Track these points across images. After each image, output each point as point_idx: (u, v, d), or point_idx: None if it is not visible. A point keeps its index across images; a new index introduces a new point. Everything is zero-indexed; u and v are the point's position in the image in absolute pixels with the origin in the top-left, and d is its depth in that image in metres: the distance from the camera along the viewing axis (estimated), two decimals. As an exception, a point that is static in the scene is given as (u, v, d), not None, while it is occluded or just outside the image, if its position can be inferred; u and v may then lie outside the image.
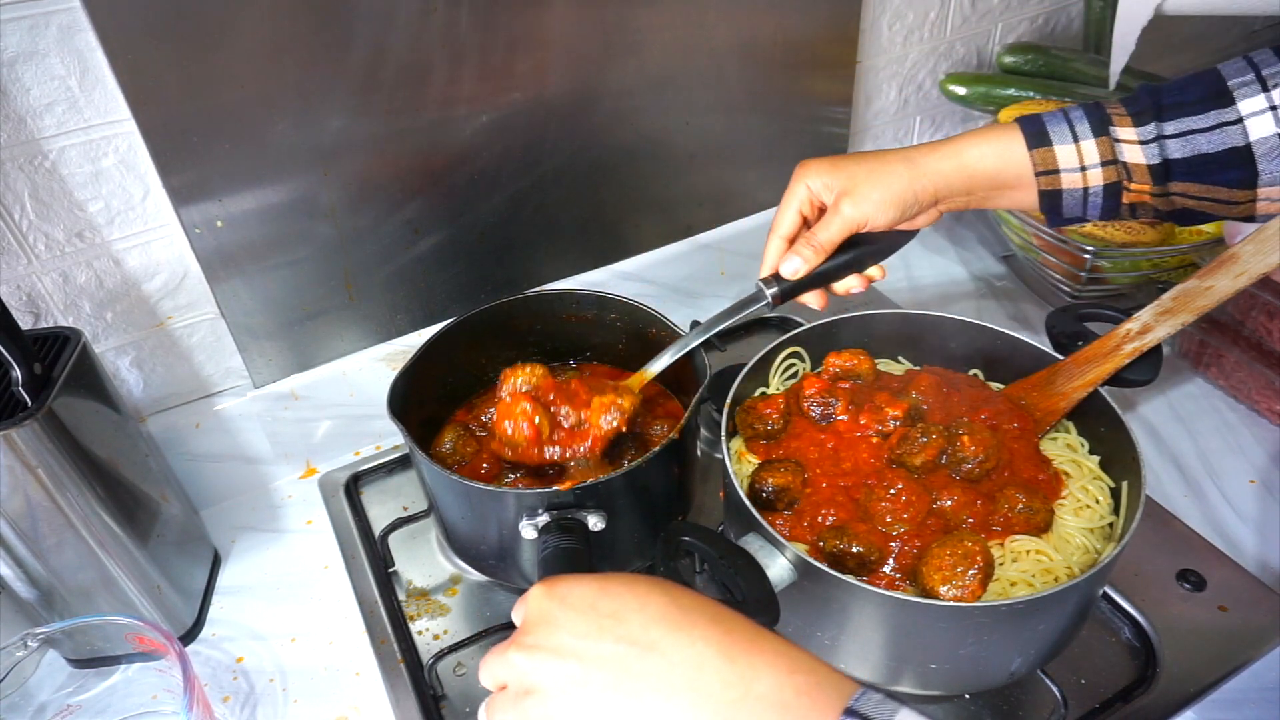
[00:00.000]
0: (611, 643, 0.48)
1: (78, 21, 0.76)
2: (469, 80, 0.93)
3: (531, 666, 0.49)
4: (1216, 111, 0.68)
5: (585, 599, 0.51)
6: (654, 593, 0.50)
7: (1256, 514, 0.93)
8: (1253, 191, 0.69)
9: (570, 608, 0.50)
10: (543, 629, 0.50)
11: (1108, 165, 0.72)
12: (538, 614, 0.51)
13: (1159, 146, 0.70)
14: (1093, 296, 1.18)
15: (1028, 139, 0.74)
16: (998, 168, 0.75)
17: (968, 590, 0.67)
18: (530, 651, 0.50)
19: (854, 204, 0.75)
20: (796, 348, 0.90)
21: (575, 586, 0.52)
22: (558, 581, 0.52)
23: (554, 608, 0.51)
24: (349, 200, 0.94)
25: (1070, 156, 0.73)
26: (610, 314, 0.98)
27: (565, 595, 0.51)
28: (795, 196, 0.79)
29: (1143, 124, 0.71)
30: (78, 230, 0.85)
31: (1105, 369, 0.79)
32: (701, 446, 1.02)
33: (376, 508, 1.03)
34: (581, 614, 0.50)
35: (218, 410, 0.99)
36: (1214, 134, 0.68)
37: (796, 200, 0.78)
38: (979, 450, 0.75)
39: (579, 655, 0.48)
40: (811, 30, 1.11)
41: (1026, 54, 1.27)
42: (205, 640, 0.90)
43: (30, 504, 0.75)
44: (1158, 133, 0.70)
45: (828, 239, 0.77)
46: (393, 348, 1.05)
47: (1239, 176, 0.69)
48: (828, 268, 0.78)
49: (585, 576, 0.53)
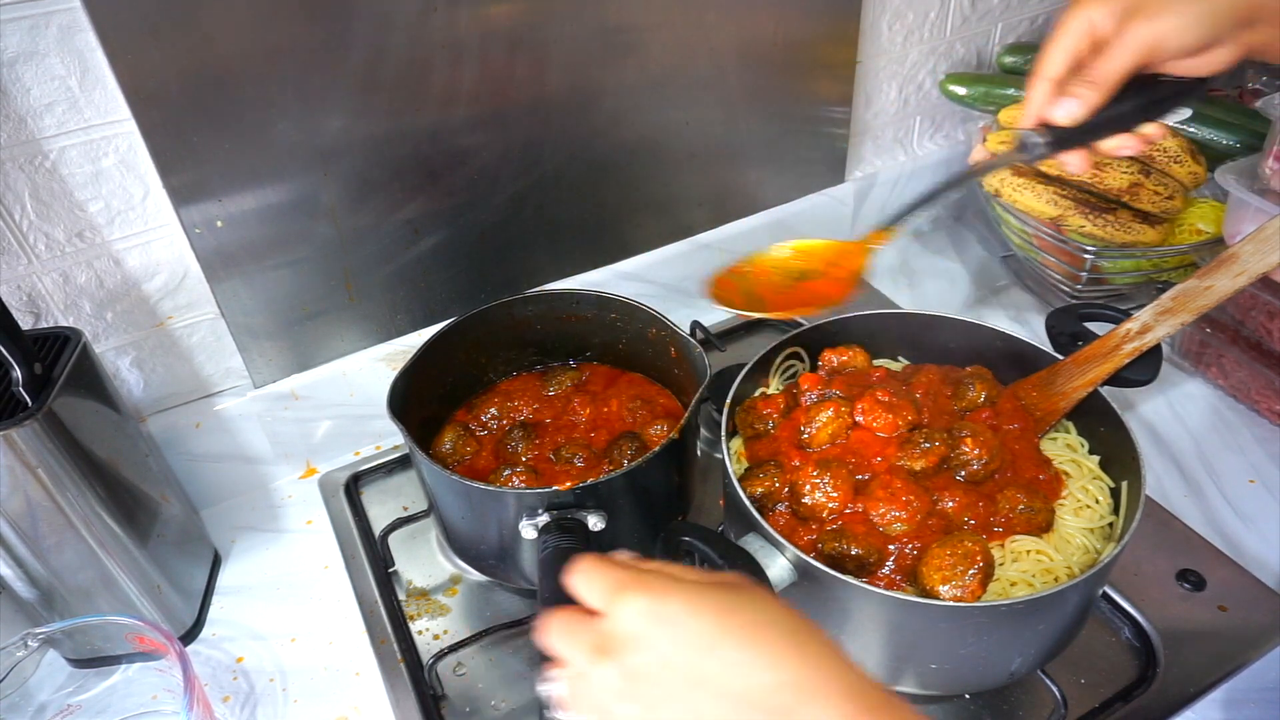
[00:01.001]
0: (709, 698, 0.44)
1: (78, 21, 0.76)
2: (469, 80, 0.93)
3: (624, 685, 0.45)
4: None
5: (690, 634, 0.44)
6: (787, 647, 0.44)
7: (1256, 514, 0.93)
8: None
9: (671, 635, 0.45)
10: (637, 656, 0.45)
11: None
12: (635, 632, 0.45)
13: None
14: (1093, 296, 1.18)
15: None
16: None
17: (968, 590, 0.67)
18: (625, 676, 0.45)
19: (1148, 22, 0.61)
20: (796, 348, 0.90)
21: (680, 613, 0.45)
22: (665, 599, 0.46)
23: (655, 634, 0.45)
24: (349, 200, 0.94)
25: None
26: (610, 314, 0.98)
27: (672, 620, 0.45)
28: (1071, 31, 0.64)
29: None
30: (78, 230, 0.85)
31: (1105, 369, 0.79)
32: (701, 446, 1.02)
33: (376, 508, 1.03)
34: (683, 650, 0.44)
35: (218, 410, 0.99)
36: None
37: (1073, 35, 0.64)
38: (983, 452, 0.75)
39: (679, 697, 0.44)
40: (811, 30, 1.11)
41: (1026, 54, 1.27)
42: (205, 640, 0.90)
43: (30, 504, 0.75)
44: None
45: (1114, 70, 0.63)
46: (393, 348, 1.05)
47: None
48: (1103, 117, 0.65)
49: (684, 595, 0.46)
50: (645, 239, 1.16)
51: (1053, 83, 0.66)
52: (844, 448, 0.79)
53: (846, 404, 0.80)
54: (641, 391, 0.98)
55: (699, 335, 1.14)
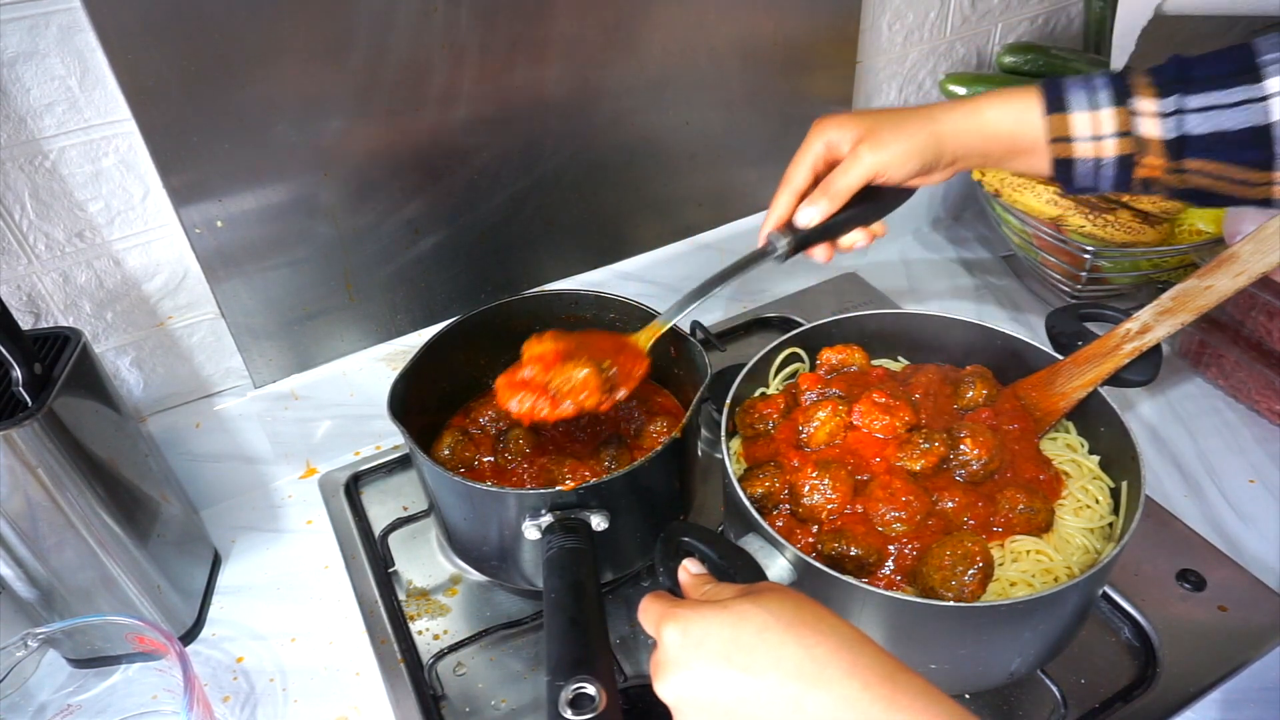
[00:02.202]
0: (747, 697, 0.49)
1: (78, 21, 0.76)
2: (469, 80, 0.93)
3: (673, 696, 0.51)
4: (1243, 88, 0.66)
5: (718, 649, 0.50)
6: (787, 644, 0.49)
7: (1256, 514, 0.93)
8: (1270, 174, 0.67)
9: (704, 657, 0.50)
10: (679, 674, 0.51)
11: (1122, 137, 0.70)
12: (673, 657, 0.52)
13: (1177, 121, 0.67)
14: (1093, 296, 1.18)
15: (1045, 104, 0.72)
16: (1014, 131, 0.73)
17: (968, 590, 0.67)
18: (671, 690, 0.51)
19: (874, 151, 0.73)
20: (796, 348, 0.90)
21: (709, 632, 0.51)
22: (690, 622, 0.52)
23: (689, 655, 0.51)
24: (349, 200, 0.94)
25: (1085, 125, 0.70)
26: (610, 314, 0.98)
27: (700, 640, 0.51)
28: (811, 151, 0.76)
29: (1165, 95, 0.68)
30: (78, 230, 0.85)
31: (1105, 369, 0.79)
32: (701, 446, 1.02)
33: (376, 508, 1.03)
34: (714, 665, 0.50)
35: (218, 410, 0.99)
36: (1237, 110, 0.66)
37: (812, 155, 0.76)
38: (983, 453, 0.75)
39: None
40: (811, 30, 1.11)
41: (1026, 54, 1.27)
42: (205, 640, 0.90)
43: (30, 504, 0.75)
44: (1178, 106, 0.67)
45: (846, 185, 0.74)
46: (393, 348, 1.05)
47: (1257, 157, 0.67)
48: (836, 220, 0.77)
49: (704, 616, 0.52)
50: (645, 239, 1.16)
51: (795, 194, 0.78)
52: (843, 448, 0.79)
53: (844, 403, 0.80)
54: (640, 391, 0.97)
55: (699, 335, 1.14)
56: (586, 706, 0.58)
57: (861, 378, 0.86)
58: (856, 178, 0.74)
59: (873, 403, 0.79)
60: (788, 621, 0.50)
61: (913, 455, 0.76)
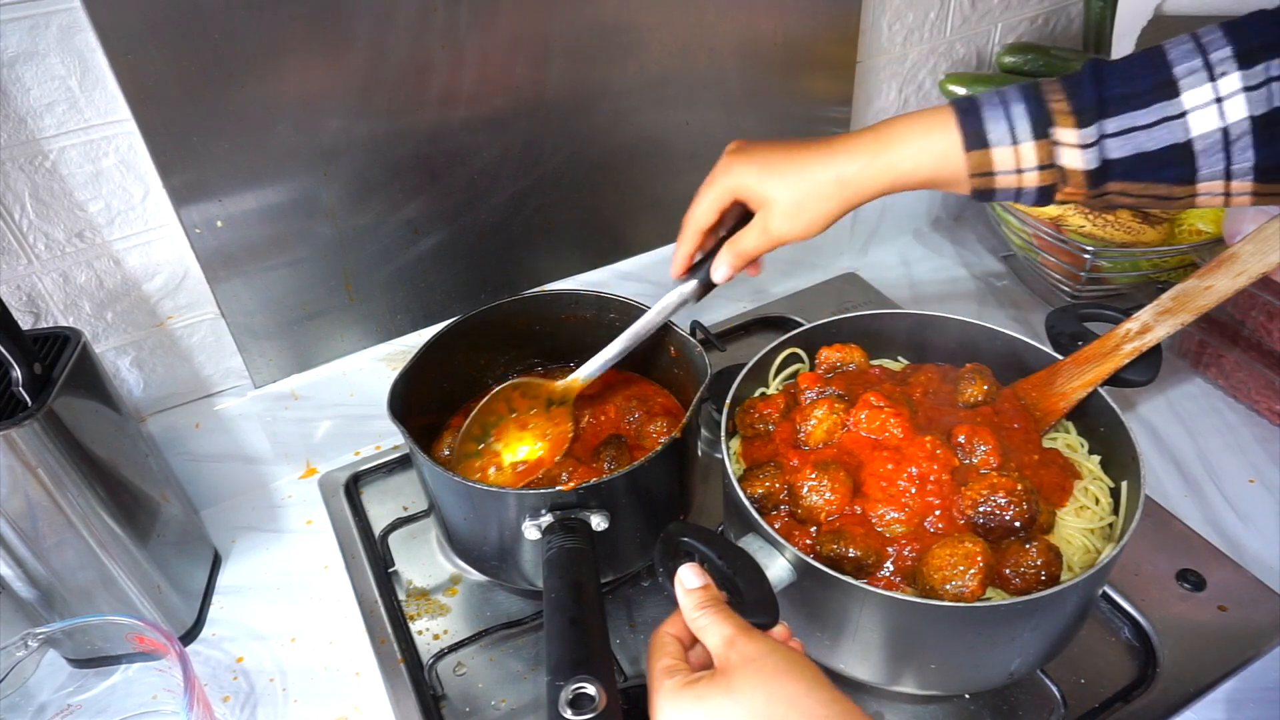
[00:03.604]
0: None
1: (78, 21, 0.76)
2: (469, 80, 0.93)
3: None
4: (1160, 105, 0.64)
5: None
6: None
7: (1256, 514, 0.93)
8: (1191, 187, 0.66)
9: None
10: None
11: (1045, 169, 0.68)
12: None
13: (1099, 150, 0.66)
14: (1093, 296, 1.18)
15: (965, 138, 0.69)
16: (933, 174, 0.71)
17: (968, 590, 0.67)
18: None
19: (785, 221, 0.75)
20: (796, 348, 0.90)
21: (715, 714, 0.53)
22: (688, 709, 0.54)
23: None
24: (349, 200, 0.94)
25: (1007, 159, 0.69)
26: (610, 314, 0.98)
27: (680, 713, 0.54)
28: (721, 196, 0.78)
29: (1085, 124, 0.66)
30: (78, 230, 0.85)
31: (1105, 369, 0.80)
32: (701, 446, 1.02)
33: (376, 508, 1.03)
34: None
35: (218, 410, 0.99)
36: (1156, 129, 0.65)
37: (719, 197, 0.78)
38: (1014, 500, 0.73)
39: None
40: (811, 30, 1.11)
41: (1026, 54, 1.27)
42: (205, 640, 0.90)
43: (30, 504, 0.75)
44: (1099, 134, 0.66)
45: (754, 249, 0.77)
46: (393, 348, 1.05)
47: (1178, 173, 0.66)
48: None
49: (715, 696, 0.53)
50: (645, 239, 1.16)
51: (700, 232, 0.80)
52: (840, 447, 0.79)
53: (841, 402, 0.80)
54: (640, 391, 0.98)
55: (699, 335, 1.14)
56: (586, 706, 0.58)
57: (861, 377, 0.86)
58: (765, 246, 0.77)
59: (869, 404, 0.79)
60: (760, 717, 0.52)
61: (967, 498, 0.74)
